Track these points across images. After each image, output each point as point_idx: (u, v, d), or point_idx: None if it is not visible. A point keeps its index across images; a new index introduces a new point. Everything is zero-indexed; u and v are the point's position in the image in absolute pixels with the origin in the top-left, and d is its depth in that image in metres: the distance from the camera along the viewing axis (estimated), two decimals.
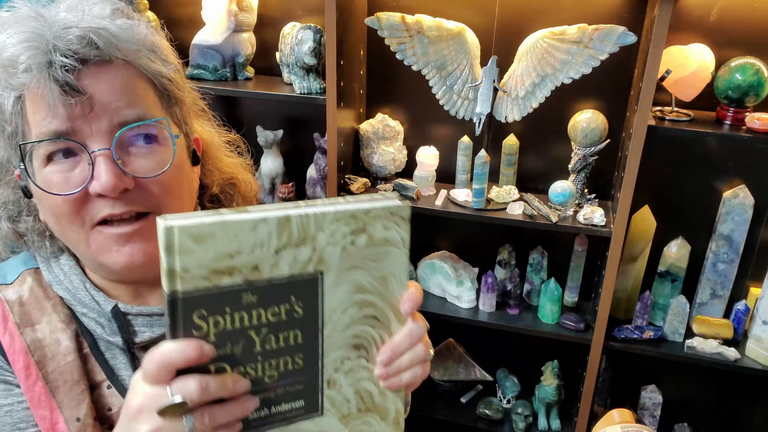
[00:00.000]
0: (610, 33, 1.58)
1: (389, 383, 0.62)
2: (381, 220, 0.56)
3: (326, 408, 0.59)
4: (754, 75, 1.57)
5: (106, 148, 0.64)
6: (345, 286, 0.56)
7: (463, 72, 1.79)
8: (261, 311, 0.52)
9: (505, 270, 2.01)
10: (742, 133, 1.60)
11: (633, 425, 1.33)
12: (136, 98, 0.67)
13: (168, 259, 0.47)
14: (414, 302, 0.61)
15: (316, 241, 0.53)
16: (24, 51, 0.62)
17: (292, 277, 0.53)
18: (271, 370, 0.55)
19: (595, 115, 1.74)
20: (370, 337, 0.60)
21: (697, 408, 2.11)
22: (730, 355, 1.75)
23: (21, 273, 0.76)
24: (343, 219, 0.54)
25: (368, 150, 1.97)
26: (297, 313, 0.54)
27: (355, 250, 0.56)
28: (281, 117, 2.10)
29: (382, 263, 0.58)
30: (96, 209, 0.66)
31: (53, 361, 0.72)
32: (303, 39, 1.81)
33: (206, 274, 0.49)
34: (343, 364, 0.59)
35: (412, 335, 0.62)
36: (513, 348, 2.18)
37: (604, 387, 2.03)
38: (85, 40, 0.63)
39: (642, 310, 1.84)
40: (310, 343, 0.56)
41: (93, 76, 0.64)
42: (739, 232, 1.77)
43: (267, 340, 0.53)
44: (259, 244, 0.50)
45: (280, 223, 0.51)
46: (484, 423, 2.08)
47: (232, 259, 0.50)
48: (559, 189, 1.75)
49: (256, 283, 0.51)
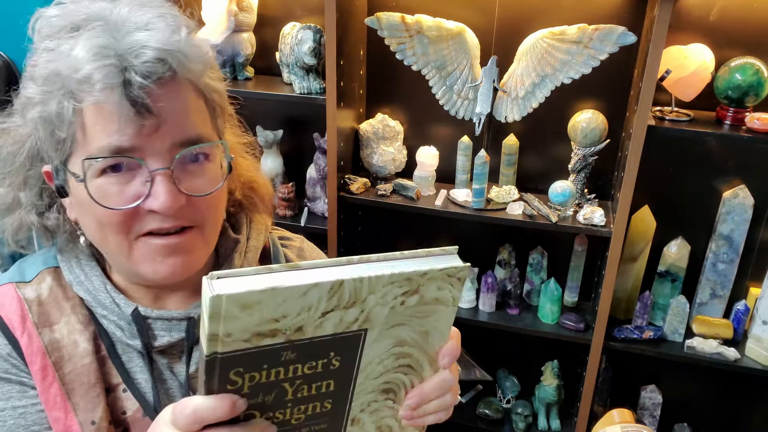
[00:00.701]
0: (610, 33, 1.58)
1: (413, 423, 0.63)
2: (436, 282, 0.54)
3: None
4: (754, 75, 1.57)
5: (166, 167, 0.65)
6: (386, 341, 0.55)
7: (463, 72, 1.79)
8: (298, 366, 0.51)
9: (505, 270, 2.01)
10: (742, 133, 1.60)
11: (633, 425, 1.33)
12: (196, 117, 0.68)
13: (211, 325, 0.45)
14: (452, 357, 0.61)
15: (365, 304, 0.51)
16: (99, 69, 0.61)
17: (335, 335, 0.51)
18: (299, 414, 0.55)
19: (595, 115, 1.74)
20: (401, 383, 0.60)
21: (697, 408, 2.10)
22: (729, 355, 1.75)
23: (40, 271, 0.76)
24: (398, 282, 0.51)
25: (368, 150, 1.97)
26: (333, 365, 0.53)
27: (403, 309, 0.54)
28: (281, 117, 2.10)
29: (428, 320, 0.56)
30: (145, 223, 0.67)
31: (70, 363, 0.72)
32: (303, 39, 1.81)
33: (248, 337, 0.47)
34: (370, 405, 0.59)
35: (444, 385, 0.62)
36: (513, 348, 2.18)
37: (604, 387, 2.03)
38: (161, 61, 0.63)
39: (642, 310, 1.84)
40: (341, 390, 0.56)
41: (163, 95, 0.64)
42: (738, 232, 1.77)
43: (300, 389, 0.53)
44: (307, 308, 0.48)
45: (331, 289, 0.48)
46: (484, 423, 2.08)
47: (277, 322, 0.48)
48: (558, 189, 1.75)
49: (298, 342, 0.50)
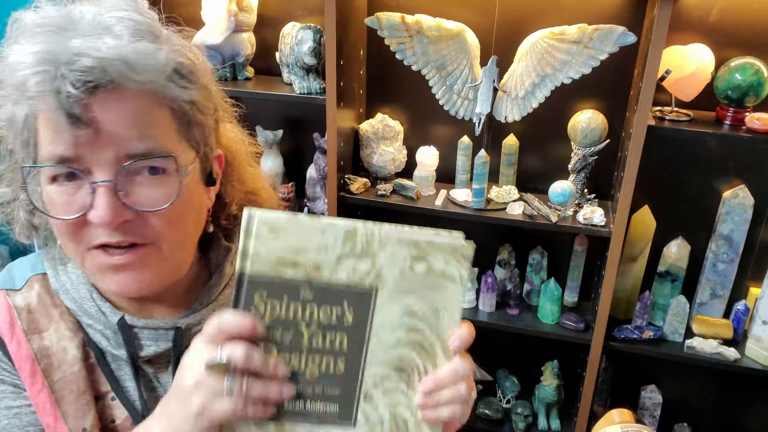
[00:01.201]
0: (610, 33, 1.58)
1: (427, 415, 0.62)
2: (443, 253, 0.59)
3: (359, 422, 0.60)
4: (754, 75, 1.57)
5: (108, 180, 0.62)
6: (396, 307, 0.59)
7: (463, 72, 1.79)
8: (314, 308, 0.57)
9: (504, 270, 2.01)
10: (741, 133, 1.60)
11: (633, 425, 1.33)
12: (147, 129, 0.64)
13: (244, 242, 0.55)
14: (464, 341, 0.62)
15: (376, 258, 0.57)
16: (33, 75, 0.60)
17: (348, 285, 0.57)
18: (313, 367, 0.58)
19: (595, 115, 1.74)
20: (414, 365, 0.61)
21: (696, 408, 2.11)
22: (729, 355, 1.75)
23: (29, 279, 0.75)
24: (406, 244, 0.58)
25: (368, 150, 1.97)
26: (347, 319, 0.58)
27: (412, 275, 0.59)
28: (281, 117, 2.10)
29: (437, 295, 0.60)
30: (93, 235, 0.65)
31: (59, 370, 0.71)
32: (303, 39, 1.81)
33: (273, 262, 0.55)
34: (383, 382, 0.60)
35: (458, 372, 0.62)
36: (513, 348, 2.18)
37: (603, 387, 2.03)
38: (96, 70, 0.60)
39: (642, 310, 1.84)
40: (354, 352, 0.59)
41: (103, 105, 0.61)
42: (738, 232, 1.77)
43: (314, 336, 0.57)
44: (324, 247, 0.56)
45: (347, 233, 0.56)
46: (484, 423, 2.08)
47: (298, 254, 0.56)
48: (558, 189, 1.75)
49: (315, 281, 0.56)
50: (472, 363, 0.63)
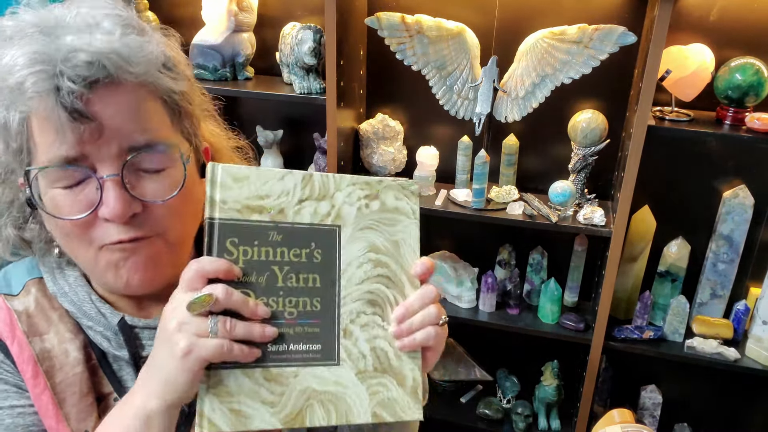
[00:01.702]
0: (610, 33, 1.58)
1: (403, 343, 0.64)
2: (393, 191, 0.66)
3: (342, 359, 0.62)
4: (754, 75, 1.57)
5: (115, 174, 0.63)
6: (360, 243, 0.64)
7: (463, 72, 1.79)
8: (284, 250, 0.61)
9: (505, 270, 2.01)
10: (742, 133, 1.60)
11: (633, 425, 1.33)
12: (146, 121, 0.65)
13: (211, 191, 0.59)
14: (426, 268, 0.66)
15: (334, 199, 0.63)
16: (31, 75, 0.60)
17: (312, 225, 0.62)
18: (291, 308, 0.61)
19: (595, 115, 1.74)
20: (385, 297, 0.65)
21: (697, 408, 2.10)
22: (730, 355, 1.75)
23: (26, 283, 0.75)
24: (358, 184, 0.65)
25: (368, 150, 1.97)
26: (316, 258, 0.62)
27: (369, 212, 0.65)
28: (281, 117, 2.10)
29: (394, 228, 0.66)
30: (104, 233, 0.65)
31: (61, 372, 0.71)
32: (303, 39, 1.81)
33: (240, 208, 0.60)
34: (359, 317, 0.64)
35: (425, 296, 0.66)
36: (513, 348, 2.18)
37: (604, 387, 2.03)
38: (94, 64, 0.60)
39: (642, 310, 1.84)
40: (327, 289, 0.63)
41: (102, 99, 0.62)
42: (739, 232, 1.77)
43: (288, 277, 0.61)
44: (285, 192, 0.62)
45: (304, 178, 0.63)
46: (484, 423, 2.08)
47: (262, 200, 0.61)
48: (559, 189, 1.75)
49: (281, 224, 0.61)
50: (437, 290, 0.67)
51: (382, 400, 0.63)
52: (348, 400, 0.62)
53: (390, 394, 0.64)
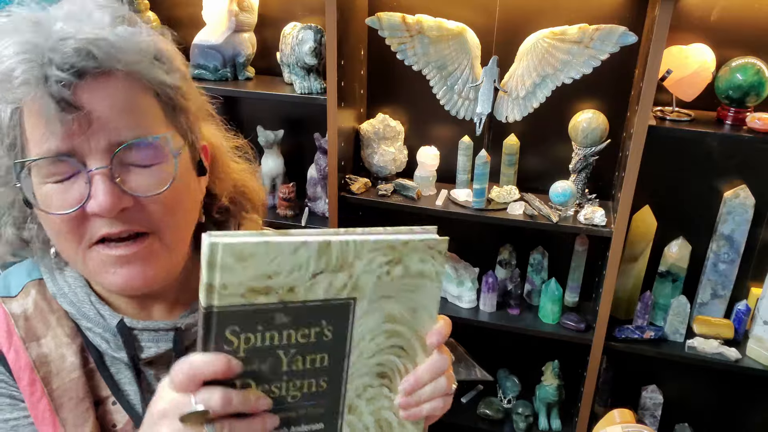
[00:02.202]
0: (611, 33, 1.58)
1: (409, 413, 0.62)
2: (418, 253, 0.57)
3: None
4: (755, 75, 1.57)
5: (104, 166, 0.62)
6: (376, 315, 0.57)
7: (463, 72, 1.79)
8: (292, 332, 0.53)
9: (505, 270, 2.01)
10: (742, 133, 1.60)
11: (634, 425, 1.33)
12: (136, 114, 0.64)
13: (209, 275, 0.48)
14: (441, 336, 0.61)
15: (353, 268, 0.54)
16: (19, 64, 0.58)
17: (326, 301, 0.54)
18: (295, 391, 0.55)
19: (596, 115, 1.74)
20: (395, 367, 0.60)
21: (697, 408, 2.10)
22: (730, 355, 1.75)
23: (25, 285, 0.75)
24: (381, 249, 0.55)
25: (369, 150, 1.97)
26: (326, 336, 0.55)
27: (389, 280, 0.56)
28: (282, 117, 2.10)
29: (415, 295, 0.58)
30: (94, 228, 0.64)
31: (58, 378, 0.70)
32: (303, 39, 1.81)
33: (243, 292, 0.50)
34: (366, 391, 0.59)
35: (436, 368, 0.62)
36: (514, 348, 2.18)
37: (604, 387, 2.03)
38: (83, 52, 0.59)
39: (643, 310, 1.84)
40: (335, 368, 0.57)
41: (91, 89, 0.60)
42: (739, 232, 1.77)
43: (294, 360, 0.54)
44: (298, 267, 0.51)
45: (320, 248, 0.52)
46: (485, 423, 2.08)
47: (270, 279, 0.50)
48: (559, 189, 1.75)
49: (291, 304, 0.52)
50: (450, 355, 0.64)
51: None
52: None
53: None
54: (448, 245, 0.58)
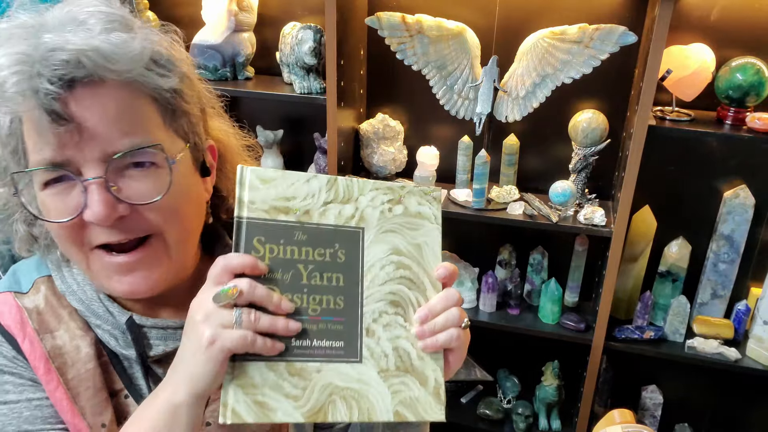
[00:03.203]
0: (611, 33, 1.58)
1: (425, 343, 0.64)
2: (415, 197, 0.67)
3: (365, 356, 0.63)
4: (755, 75, 1.57)
5: (98, 176, 0.62)
6: (383, 245, 0.66)
7: (463, 72, 1.78)
8: (309, 249, 0.63)
9: (505, 270, 2.01)
10: (742, 133, 1.60)
11: (633, 425, 1.32)
12: (131, 122, 0.63)
13: (240, 191, 0.61)
14: (448, 271, 0.67)
15: (358, 203, 0.65)
16: (11, 76, 0.59)
17: (336, 226, 0.64)
18: (315, 305, 0.62)
19: (596, 114, 1.74)
20: (407, 298, 0.66)
21: (697, 408, 2.10)
22: (730, 355, 1.75)
23: (35, 281, 0.75)
24: (381, 189, 0.66)
25: (368, 150, 1.97)
26: (340, 258, 0.64)
27: (392, 216, 0.66)
28: (281, 117, 2.10)
29: (417, 233, 0.67)
30: (93, 235, 0.65)
31: (73, 368, 0.71)
32: (303, 39, 1.81)
33: (267, 209, 0.62)
34: (381, 317, 0.64)
35: (447, 298, 0.66)
36: (513, 348, 2.18)
37: (604, 387, 2.03)
38: (72, 63, 0.59)
39: (642, 310, 1.84)
40: (350, 289, 0.64)
41: (82, 100, 0.60)
42: (739, 232, 1.77)
43: (312, 276, 0.62)
44: (311, 194, 0.63)
45: (329, 182, 0.64)
46: (485, 423, 2.08)
47: (288, 201, 0.63)
48: (559, 189, 1.75)
49: (307, 225, 0.63)
50: (459, 293, 0.67)
51: (404, 400, 0.63)
52: (370, 398, 0.62)
53: (412, 394, 0.64)
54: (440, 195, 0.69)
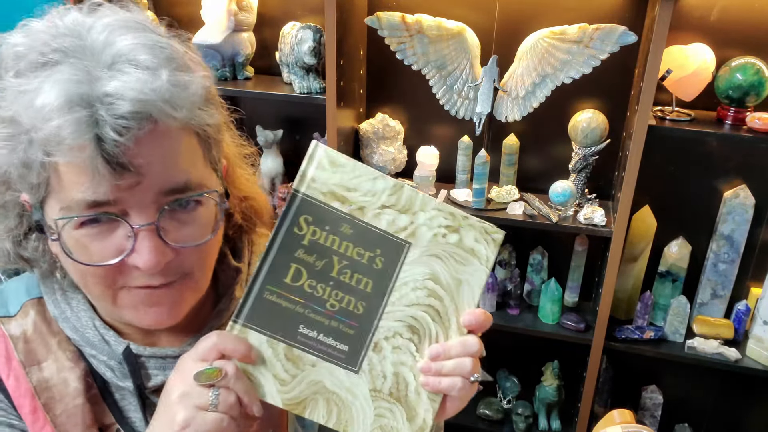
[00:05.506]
0: (611, 32, 1.57)
1: (427, 381, 0.62)
2: (475, 231, 0.64)
3: (363, 370, 0.62)
4: (755, 75, 1.56)
5: (150, 222, 0.58)
6: (423, 268, 0.63)
7: (463, 72, 1.78)
8: (350, 245, 0.61)
9: (505, 270, 2.00)
10: (742, 132, 1.60)
11: (633, 426, 1.32)
12: (185, 159, 0.60)
13: (306, 165, 0.60)
14: (477, 320, 0.63)
15: (415, 217, 0.62)
16: (67, 124, 0.52)
17: (385, 232, 0.62)
18: (334, 300, 0.61)
19: (596, 114, 1.74)
20: (427, 328, 0.63)
21: (697, 408, 2.10)
22: (730, 355, 1.75)
23: (24, 304, 0.71)
24: (443, 212, 0.63)
25: (368, 150, 1.97)
26: (376, 264, 0.62)
27: (444, 242, 0.63)
28: (281, 117, 2.10)
29: (463, 267, 0.64)
30: (131, 278, 0.61)
31: (61, 404, 0.68)
32: (303, 38, 1.81)
33: (325, 191, 0.61)
34: (395, 337, 0.63)
35: (466, 346, 0.63)
36: (513, 348, 2.17)
37: (604, 387, 2.02)
38: (140, 114, 0.54)
39: (642, 310, 1.84)
40: (375, 298, 0.62)
41: (144, 148, 0.55)
42: (739, 232, 1.77)
43: (343, 272, 0.61)
44: (372, 193, 0.61)
45: (394, 186, 0.62)
46: (485, 423, 2.08)
47: (348, 192, 0.61)
48: (559, 189, 1.75)
49: (357, 220, 0.61)
50: (481, 346, 0.64)
51: (385, 426, 0.62)
52: (353, 411, 0.61)
53: (395, 425, 0.62)
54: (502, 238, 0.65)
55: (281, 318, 0.60)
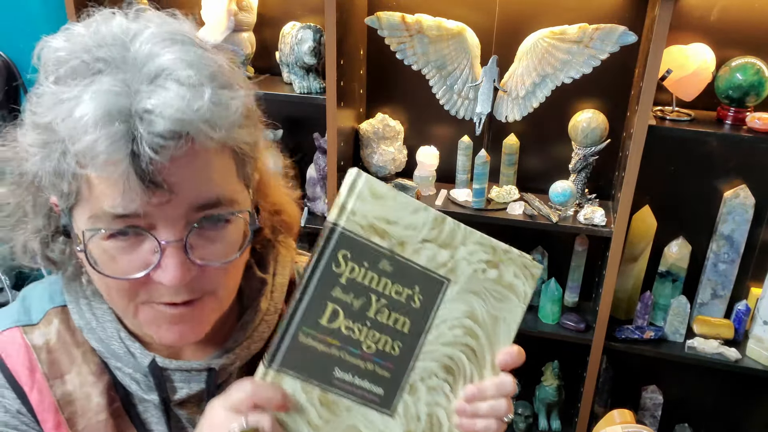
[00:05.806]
0: (611, 32, 1.57)
1: (462, 423, 0.61)
2: (514, 266, 0.62)
3: (398, 412, 0.60)
4: (755, 75, 1.56)
5: (178, 239, 0.57)
6: (461, 306, 0.61)
7: (463, 72, 1.78)
8: (389, 282, 0.58)
9: None
10: (742, 132, 1.60)
11: (633, 426, 1.32)
12: (218, 176, 0.58)
13: (346, 197, 0.56)
14: (513, 359, 0.63)
15: (456, 251, 0.59)
16: (103, 138, 0.51)
17: (425, 269, 0.59)
18: (371, 341, 0.58)
19: (596, 114, 1.74)
20: (463, 367, 0.62)
21: (697, 408, 2.10)
22: (730, 355, 1.75)
23: (47, 312, 0.69)
24: (485, 245, 0.60)
25: (368, 150, 1.97)
26: (414, 303, 0.59)
27: (483, 278, 0.61)
28: (281, 117, 2.10)
29: (501, 304, 0.62)
30: (155, 293, 0.60)
31: (83, 419, 0.67)
32: (303, 38, 1.81)
33: (365, 225, 0.57)
34: (430, 378, 0.61)
35: (501, 387, 0.62)
36: None
37: (604, 387, 2.02)
38: (179, 134, 0.52)
39: (643, 310, 1.84)
40: (412, 338, 0.60)
41: (177, 165, 0.54)
42: (739, 232, 1.77)
43: (381, 311, 0.58)
44: (413, 226, 0.58)
45: (436, 219, 0.59)
46: None
47: (389, 225, 0.57)
48: (559, 189, 1.75)
49: (397, 256, 0.58)
50: (515, 384, 0.63)
51: None
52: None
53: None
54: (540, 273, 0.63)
55: (317, 361, 0.57)
